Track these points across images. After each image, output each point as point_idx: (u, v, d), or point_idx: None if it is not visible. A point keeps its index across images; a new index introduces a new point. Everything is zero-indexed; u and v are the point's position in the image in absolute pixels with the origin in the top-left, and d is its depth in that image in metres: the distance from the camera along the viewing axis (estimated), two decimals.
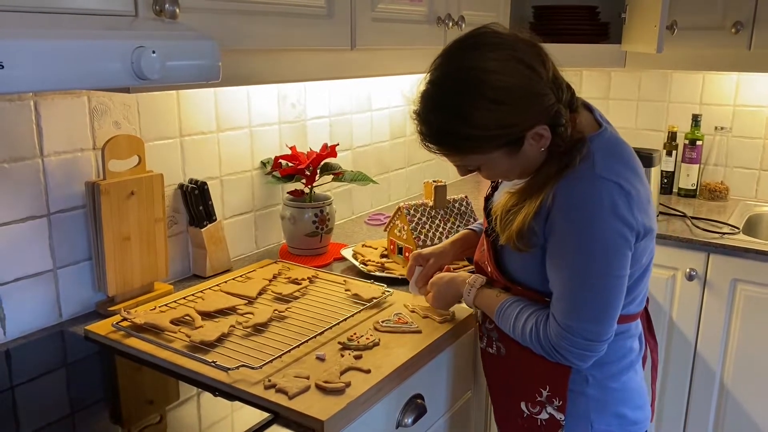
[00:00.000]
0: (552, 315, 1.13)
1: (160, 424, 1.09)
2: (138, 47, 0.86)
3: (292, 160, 1.77)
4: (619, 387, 1.22)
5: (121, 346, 1.28)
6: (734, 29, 2.11)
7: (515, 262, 1.21)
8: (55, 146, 1.35)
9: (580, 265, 1.09)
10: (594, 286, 1.10)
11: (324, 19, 1.44)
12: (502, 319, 1.22)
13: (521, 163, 1.12)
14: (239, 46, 1.28)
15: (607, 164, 1.09)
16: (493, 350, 1.31)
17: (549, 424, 1.21)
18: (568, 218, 1.08)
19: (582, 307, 1.10)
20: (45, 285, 1.37)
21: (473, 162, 1.13)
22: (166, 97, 1.55)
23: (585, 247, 1.08)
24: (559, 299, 1.12)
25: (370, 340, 1.28)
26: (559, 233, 1.10)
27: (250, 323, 1.32)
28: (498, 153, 1.09)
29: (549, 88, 1.06)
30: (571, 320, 1.10)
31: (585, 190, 1.08)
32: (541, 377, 1.21)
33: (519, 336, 1.19)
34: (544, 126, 1.06)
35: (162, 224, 1.50)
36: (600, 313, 1.11)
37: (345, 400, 1.09)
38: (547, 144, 1.09)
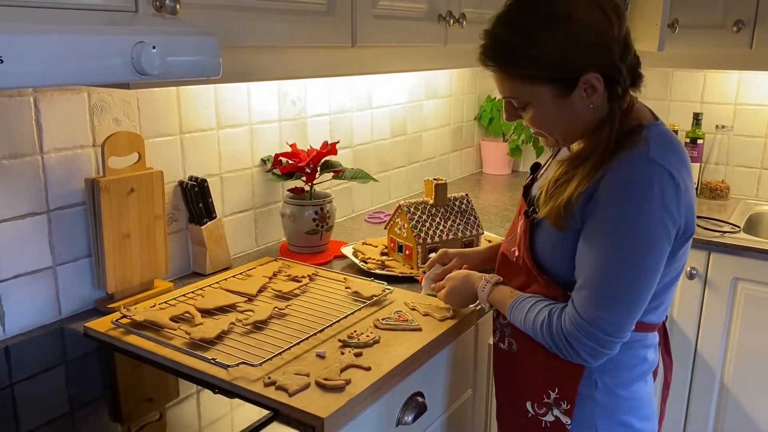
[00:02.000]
0: (571, 304, 1.10)
1: (159, 422, 1.09)
2: (138, 42, 0.86)
3: (293, 157, 1.76)
4: (628, 395, 1.20)
5: (120, 344, 1.27)
6: (736, 28, 2.11)
7: (546, 245, 1.17)
8: (55, 143, 1.34)
9: (615, 249, 1.06)
10: (625, 275, 1.06)
11: (324, 16, 1.44)
12: (515, 311, 1.19)
13: (566, 116, 1.11)
14: (239, 43, 1.27)
15: (662, 152, 1.07)
16: (505, 346, 1.29)
17: (554, 426, 1.19)
18: (613, 199, 1.05)
19: (608, 295, 1.06)
20: (44, 282, 1.37)
21: (523, 94, 1.12)
22: (166, 94, 1.54)
23: (625, 231, 1.05)
24: (584, 286, 1.08)
25: (370, 337, 1.27)
26: (600, 214, 1.07)
27: (250, 321, 1.32)
28: (548, 90, 1.09)
29: (617, 43, 1.07)
30: (593, 308, 1.06)
31: (635, 172, 1.05)
32: (551, 378, 1.18)
33: (530, 328, 1.16)
34: (598, 76, 1.06)
35: (162, 221, 1.50)
36: (625, 305, 1.07)
37: (345, 397, 1.08)
38: (597, 101, 1.09)
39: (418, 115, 2.49)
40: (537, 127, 1.16)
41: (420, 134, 2.53)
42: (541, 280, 1.18)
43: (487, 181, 2.83)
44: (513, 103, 1.15)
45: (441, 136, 2.68)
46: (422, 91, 2.49)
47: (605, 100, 1.10)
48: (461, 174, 2.87)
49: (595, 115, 1.11)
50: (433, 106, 2.58)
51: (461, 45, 1.99)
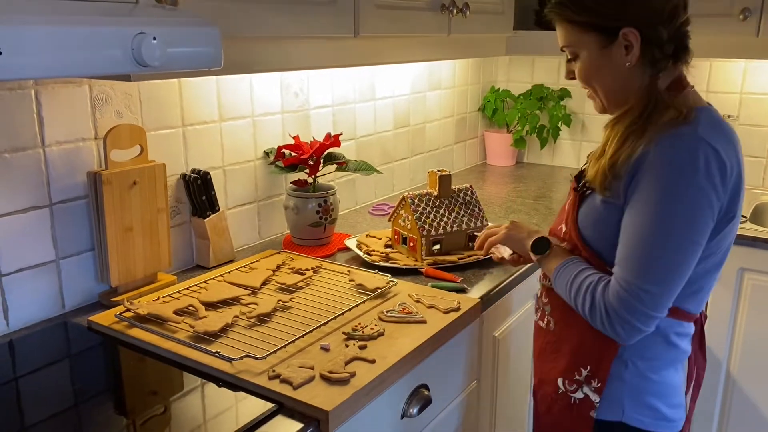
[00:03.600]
0: (614, 276, 1.12)
1: (164, 415, 1.09)
2: (139, 33, 0.85)
3: (295, 149, 1.75)
4: (658, 380, 1.20)
5: (124, 337, 1.27)
6: (742, 16, 2.08)
7: (590, 219, 1.20)
8: (57, 136, 1.34)
9: (658, 221, 1.08)
10: (669, 246, 1.08)
11: (327, 7, 1.43)
12: (563, 271, 1.20)
13: (608, 71, 1.17)
14: (241, 34, 1.26)
15: (709, 131, 1.09)
16: (543, 324, 1.32)
17: (582, 403, 1.22)
18: (658, 173, 1.08)
19: (650, 266, 1.08)
20: (47, 276, 1.36)
21: (573, 42, 1.20)
22: (168, 87, 1.53)
23: (669, 203, 1.07)
24: (627, 258, 1.10)
25: (374, 330, 1.27)
26: (645, 187, 1.09)
27: (254, 314, 1.31)
28: (593, 39, 1.16)
29: (661, 4, 1.12)
30: (635, 279, 1.08)
31: (683, 147, 1.08)
32: (584, 356, 1.21)
33: (574, 290, 1.17)
34: (636, 32, 1.12)
35: (165, 214, 1.49)
36: (666, 277, 1.08)
37: (350, 390, 1.08)
38: (633, 61, 1.14)
39: (422, 107, 2.48)
40: (583, 80, 1.22)
41: (423, 125, 2.51)
42: (585, 253, 1.20)
43: (492, 173, 2.81)
44: (568, 55, 1.23)
45: (445, 128, 2.66)
46: (425, 82, 2.47)
47: (645, 65, 1.15)
48: (465, 165, 2.86)
49: (637, 80, 1.16)
50: (436, 97, 2.56)
51: (465, 35, 1.98)
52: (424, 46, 1.82)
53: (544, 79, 2.86)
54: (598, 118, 2.80)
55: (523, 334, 1.78)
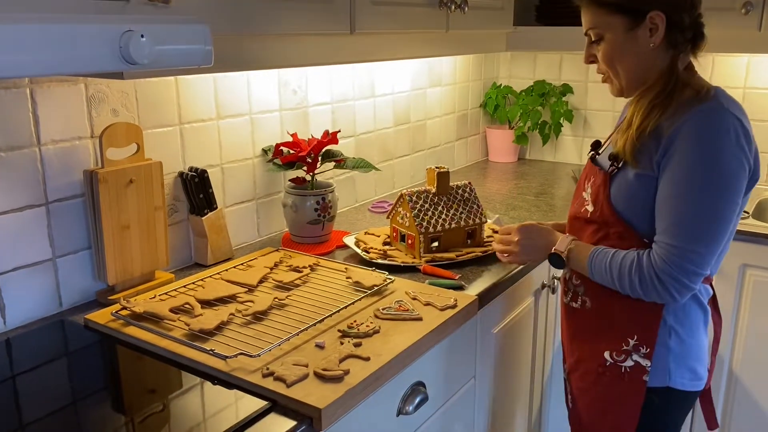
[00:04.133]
0: (660, 244, 1.20)
1: (158, 413, 1.09)
2: (127, 31, 0.84)
3: (294, 147, 1.75)
4: (695, 343, 1.31)
5: (120, 335, 1.27)
6: (744, 10, 2.06)
7: (623, 194, 1.27)
8: (53, 134, 1.34)
9: (701, 188, 1.17)
10: (711, 207, 1.17)
11: (322, 4, 1.42)
12: (597, 258, 1.28)
13: (632, 53, 1.26)
14: (235, 32, 1.26)
15: (731, 104, 1.22)
16: (578, 304, 1.38)
17: (634, 370, 1.29)
18: (692, 145, 1.17)
19: (695, 226, 1.18)
20: (44, 274, 1.36)
21: (600, 23, 1.27)
22: (165, 85, 1.53)
23: (708, 171, 1.17)
24: (674, 225, 1.19)
25: (370, 327, 1.26)
26: (681, 160, 1.18)
27: (250, 311, 1.31)
28: (620, 21, 1.24)
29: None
30: (684, 243, 1.17)
31: (714, 119, 1.18)
32: (629, 326, 1.29)
33: (615, 271, 1.24)
34: (663, 16, 1.21)
35: (162, 212, 1.49)
36: (710, 235, 1.18)
37: (343, 387, 1.08)
38: (657, 42, 1.23)
39: (422, 103, 2.47)
40: (606, 62, 1.29)
41: (424, 122, 2.51)
42: (619, 228, 1.28)
43: (493, 169, 2.80)
44: (591, 37, 1.30)
45: (446, 124, 2.65)
46: (426, 78, 2.46)
47: (667, 47, 1.25)
48: (467, 162, 2.85)
49: (658, 61, 1.26)
50: (437, 94, 2.56)
51: (464, 31, 1.97)
52: (422, 43, 1.82)
53: (546, 75, 2.85)
54: (601, 113, 2.80)
55: (522, 330, 1.77)
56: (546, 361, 1.97)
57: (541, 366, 1.94)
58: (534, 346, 1.87)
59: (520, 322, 1.75)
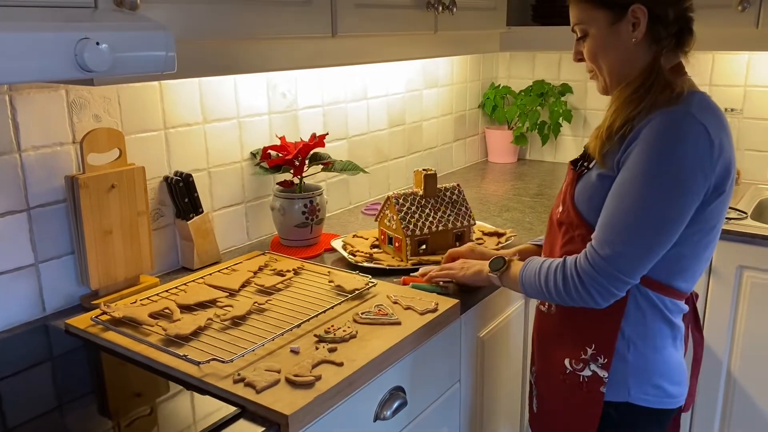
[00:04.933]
0: (589, 244, 1.17)
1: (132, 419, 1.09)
2: (82, 39, 0.84)
3: (281, 150, 1.75)
4: (660, 359, 1.25)
5: (99, 340, 1.27)
6: (741, 7, 2.02)
7: (585, 193, 1.25)
8: (33, 141, 1.35)
9: (639, 191, 1.12)
10: (645, 214, 1.12)
11: (302, 6, 1.42)
12: (527, 269, 1.28)
13: (614, 48, 1.22)
14: (211, 37, 1.26)
15: (700, 111, 1.14)
16: (545, 308, 1.37)
17: (591, 380, 1.26)
18: (648, 145, 1.12)
19: (624, 233, 1.13)
20: (27, 279, 1.37)
21: (584, 18, 1.24)
22: (149, 90, 1.54)
23: (654, 175, 1.12)
24: (605, 224, 1.16)
25: (346, 332, 1.26)
26: (634, 158, 1.14)
27: (228, 316, 1.31)
28: (603, 16, 1.21)
29: None
30: (609, 245, 1.14)
31: (673, 122, 1.12)
32: (587, 335, 1.26)
33: (542, 277, 1.23)
34: (645, 10, 1.18)
35: (145, 217, 1.50)
36: (641, 241, 1.13)
37: (313, 393, 1.07)
38: (639, 37, 1.19)
39: (418, 105, 2.46)
40: (590, 58, 1.27)
41: (420, 124, 2.50)
42: (583, 231, 1.24)
43: (492, 170, 2.78)
44: (577, 33, 1.27)
45: (443, 126, 2.64)
46: (421, 80, 2.45)
47: (650, 42, 1.20)
48: (465, 163, 2.83)
49: (641, 58, 1.21)
50: (433, 95, 2.54)
51: (454, 32, 1.96)
52: (409, 45, 1.81)
53: (545, 74, 2.82)
54: (600, 113, 2.75)
55: (510, 334, 1.75)
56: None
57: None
58: (525, 350, 1.85)
59: (509, 325, 1.73)
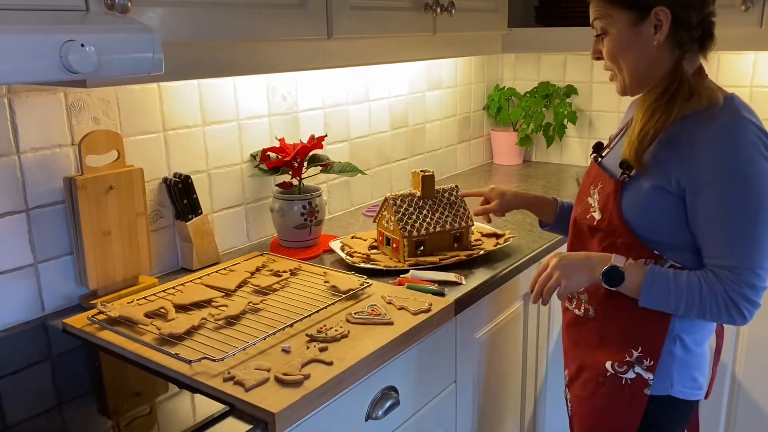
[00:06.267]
0: (722, 267, 1.15)
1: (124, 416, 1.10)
2: (68, 41, 0.86)
3: (280, 152, 1.76)
4: (699, 352, 1.27)
5: (95, 339, 1.29)
6: (744, 6, 2.01)
7: (635, 205, 1.22)
8: (32, 143, 1.37)
9: (742, 201, 1.13)
10: (761, 221, 1.13)
11: (297, 9, 1.42)
12: (656, 278, 1.19)
13: (635, 49, 1.22)
14: (207, 39, 1.27)
15: (749, 112, 1.17)
16: (580, 312, 1.34)
17: (635, 383, 1.26)
18: (723, 156, 1.13)
19: (755, 247, 1.13)
20: (26, 279, 1.39)
21: (604, 16, 1.23)
22: (147, 92, 1.56)
23: (745, 182, 1.12)
24: (728, 246, 1.14)
25: (338, 332, 1.26)
26: (712, 172, 1.13)
27: (222, 316, 1.32)
28: (625, 16, 1.20)
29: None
30: (747, 263, 1.13)
31: (737, 131, 1.13)
32: (634, 338, 1.25)
33: (683, 294, 1.17)
34: (668, 12, 1.16)
35: (144, 218, 1.51)
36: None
37: (301, 392, 1.08)
38: (661, 39, 1.18)
39: (421, 107, 2.46)
40: (610, 58, 1.26)
41: (423, 126, 2.50)
42: (627, 239, 1.23)
43: (497, 172, 2.78)
44: (597, 29, 1.26)
45: (447, 127, 2.64)
46: (424, 82, 2.45)
47: (672, 46, 1.19)
48: (470, 165, 2.83)
49: (663, 60, 1.21)
50: (437, 97, 2.54)
51: (453, 34, 1.96)
52: (407, 47, 1.81)
53: (550, 76, 2.81)
54: (606, 114, 2.75)
55: (508, 335, 1.75)
56: (539, 366, 1.94)
57: (533, 372, 1.91)
58: (525, 351, 1.85)
59: (508, 326, 1.73)
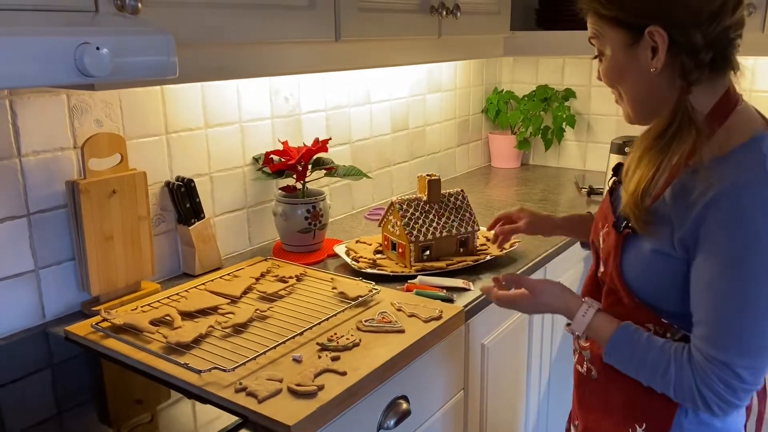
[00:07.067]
0: (699, 350, 0.97)
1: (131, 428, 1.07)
2: (82, 44, 0.83)
3: (283, 155, 1.74)
4: (722, 426, 1.07)
5: (99, 347, 1.26)
6: (746, 12, 2.01)
7: (636, 265, 1.06)
8: (34, 146, 1.33)
9: (744, 284, 0.93)
10: (759, 312, 0.94)
11: (305, 11, 1.40)
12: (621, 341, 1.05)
13: (633, 74, 1.04)
14: (215, 41, 1.25)
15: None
16: (582, 369, 1.20)
17: None
18: (732, 225, 0.93)
19: (744, 338, 0.94)
20: (26, 285, 1.36)
21: (599, 35, 1.07)
22: (150, 94, 1.53)
23: (752, 263, 0.93)
24: (715, 329, 0.95)
25: (350, 340, 1.24)
26: (718, 242, 0.94)
27: (230, 324, 1.29)
28: (619, 36, 1.03)
29: (700, 9, 0.96)
30: (731, 357, 0.94)
31: (755, 194, 0.93)
32: (638, 412, 1.09)
33: (646, 371, 1.03)
34: (663, 33, 0.97)
35: (146, 223, 1.48)
36: (763, 346, 0.95)
37: (315, 404, 1.05)
38: (658, 66, 0.99)
39: (421, 109, 2.45)
40: (608, 83, 1.10)
41: (423, 128, 2.48)
42: (629, 302, 1.07)
43: (495, 175, 2.77)
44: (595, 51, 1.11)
45: (446, 130, 2.63)
46: (425, 84, 2.44)
47: (675, 74, 0.99)
48: (468, 168, 2.82)
49: (665, 90, 1.02)
50: (437, 100, 2.53)
51: (458, 37, 1.95)
52: (413, 49, 1.79)
53: (548, 79, 2.81)
54: (604, 118, 2.75)
55: (514, 341, 1.74)
56: (543, 372, 1.93)
57: (537, 377, 1.90)
58: (529, 356, 1.83)
59: (514, 332, 1.72)
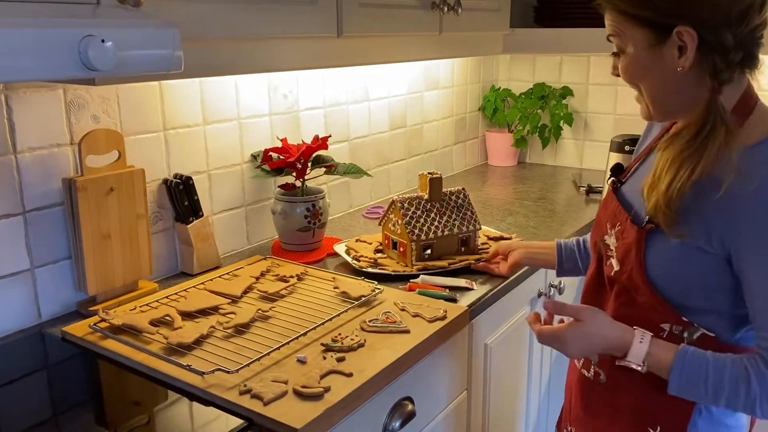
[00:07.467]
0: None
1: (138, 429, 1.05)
2: (86, 36, 0.80)
3: (283, 152, 1.71)
4: (734, 424, 1.08)
5: (97, 348, 1.23)
6: None
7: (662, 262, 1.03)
8: (29, 142, 1.30)
9: None
10: None
11: (307, 6, 1.38)
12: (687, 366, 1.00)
13: (657, 73, 1.01)
14: (216, 35, 1.22)
15: None
16: (589, 374, 1.17)
17: None
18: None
19: None
20: (22, 285, 1.32)
21: (620, 32, 1.03)
22: (148, 90, 1.50)
23: None
24: None
25: (354, 341, 1.22)
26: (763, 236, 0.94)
27: (231, 324, 1.27)
28: (643, 34, 1.00)
29: (729, 8, 0.93)
30: None
31: None
32: (651, 416, 1.07)
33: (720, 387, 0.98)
34: (693, 33, 0.95)
35: (144, 221, 1.45)
36: None
37: (322, 406, 1.03)
38: (686, 65, 0.97)
39: (419, 107, 2.43)
40: (627, 80, 1.07)
41: (421, 126, 2.46)
42: (651, 300, 1.05)
43: (492, 173, 2.75)
44: (614, 47, 1.07)
45: (443, 128, 2.61)
46: (422, 82, 2.42)
47: (704, 74, 0.97)
48: (465, 166, 2.80)
49: (691, 90, 1.00)
50: (434, 97, 2.51)
51: (458, 33, 1.93)
52: (414, 46, 1.77)
53: (546, 77, 2.80)
54: (602, 116, 2.74)
55: (516, 341, 1.72)
56: (543, 371, 1.92)
57: (538, 377, 1.89)
58: (530, 356, 1.82)
59: (516, 332, 1.70)
